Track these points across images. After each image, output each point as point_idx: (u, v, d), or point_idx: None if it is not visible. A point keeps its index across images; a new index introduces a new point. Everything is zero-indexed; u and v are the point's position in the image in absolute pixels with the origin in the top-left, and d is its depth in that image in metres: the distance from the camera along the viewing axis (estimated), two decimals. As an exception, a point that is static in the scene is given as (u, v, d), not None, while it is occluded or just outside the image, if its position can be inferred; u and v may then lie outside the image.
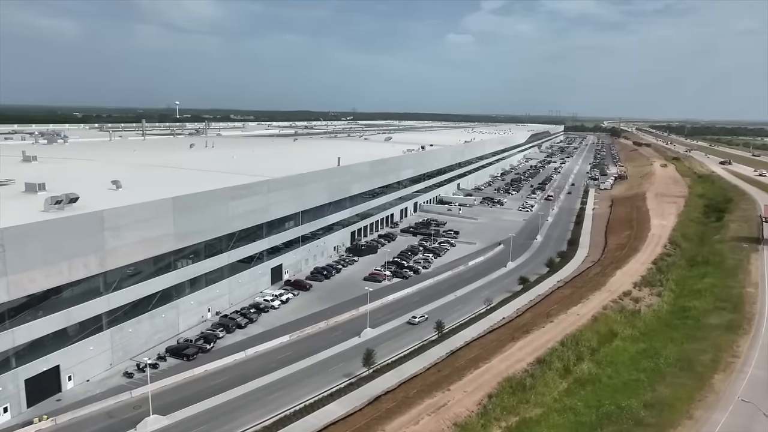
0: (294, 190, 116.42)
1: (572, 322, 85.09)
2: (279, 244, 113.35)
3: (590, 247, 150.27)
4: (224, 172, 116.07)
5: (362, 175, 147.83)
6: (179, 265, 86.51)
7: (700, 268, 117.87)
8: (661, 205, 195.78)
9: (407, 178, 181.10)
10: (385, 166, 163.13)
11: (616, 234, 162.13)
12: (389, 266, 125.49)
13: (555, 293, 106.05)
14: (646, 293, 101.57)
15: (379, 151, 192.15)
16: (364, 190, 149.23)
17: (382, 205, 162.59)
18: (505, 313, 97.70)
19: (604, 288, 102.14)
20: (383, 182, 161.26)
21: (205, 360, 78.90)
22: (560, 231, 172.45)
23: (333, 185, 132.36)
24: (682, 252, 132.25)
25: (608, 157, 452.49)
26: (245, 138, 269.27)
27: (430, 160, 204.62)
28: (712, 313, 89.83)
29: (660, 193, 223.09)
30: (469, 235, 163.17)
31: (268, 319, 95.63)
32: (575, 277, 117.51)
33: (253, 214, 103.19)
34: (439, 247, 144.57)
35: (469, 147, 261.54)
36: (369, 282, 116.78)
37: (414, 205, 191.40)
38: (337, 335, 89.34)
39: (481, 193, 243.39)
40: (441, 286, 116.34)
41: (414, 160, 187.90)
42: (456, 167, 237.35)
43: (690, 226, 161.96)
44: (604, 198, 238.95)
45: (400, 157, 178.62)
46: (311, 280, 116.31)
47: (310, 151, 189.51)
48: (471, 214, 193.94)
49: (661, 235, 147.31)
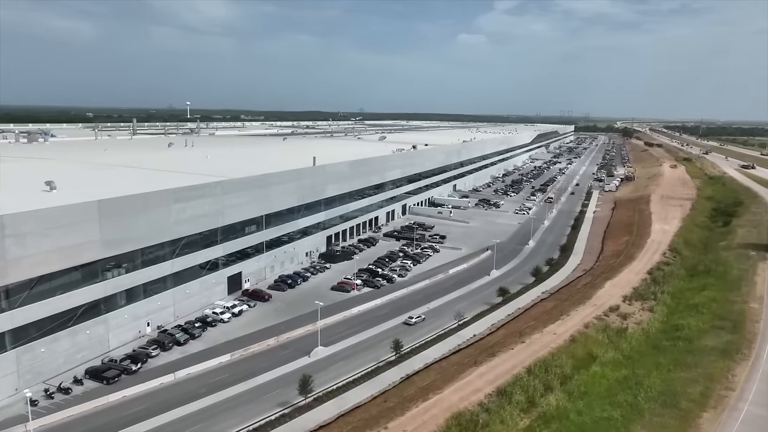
0: (255, 191, 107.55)
1: (546, 343, 75.15)
2: (238, 251, 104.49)
3: (585, 253, 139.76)
4: (186, 173, 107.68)
5: (339, 175, 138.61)
6: (109, 275, 77.91)
7: (701, 279, 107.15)
8: (665, 208, 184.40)
9: (394, 179, 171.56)
10: (366, 166, 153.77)
11: (614, 239, 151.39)
12: (361, 274, 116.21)
13: (536, 307, 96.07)
14: (636, 308, 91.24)
15: (368, 151, 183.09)
16: (342, 192, 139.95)
17: (364, 207, 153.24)
18: (478, 329, 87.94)
19: (589, 302, 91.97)
20: (365, 183, 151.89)
21: (128, 383, 70.14)
22: (555, 236, 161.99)
23: (304, 186, 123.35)
24: (683, 260, 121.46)
25: (617, 158, 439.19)
26: (235, 137, 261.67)
27: (421, 161, 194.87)
28: (708, 333, 79.40)
29: (666, 196, 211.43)
30: (456, 239, 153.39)
31: (214, 335, 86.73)
32: (562, 288, 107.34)
33: (204, 219, 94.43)
34: (420, 253, 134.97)
35: (467, 147, 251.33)
36: (336, 292, 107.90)
37: (402, 208, 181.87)
38: (286, 354, 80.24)
39: (479, 194, 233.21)
40: (415, 296, 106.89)
41: (401, 160, 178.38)
42: (451, 168, 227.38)
43: (694, 232, 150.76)
44: (608, 200, 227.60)
45: (385, 156, 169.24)
46: (274, 289, 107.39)
47: (294, 151, 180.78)
48: (463, 217, 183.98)
49: (661, 241, 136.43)
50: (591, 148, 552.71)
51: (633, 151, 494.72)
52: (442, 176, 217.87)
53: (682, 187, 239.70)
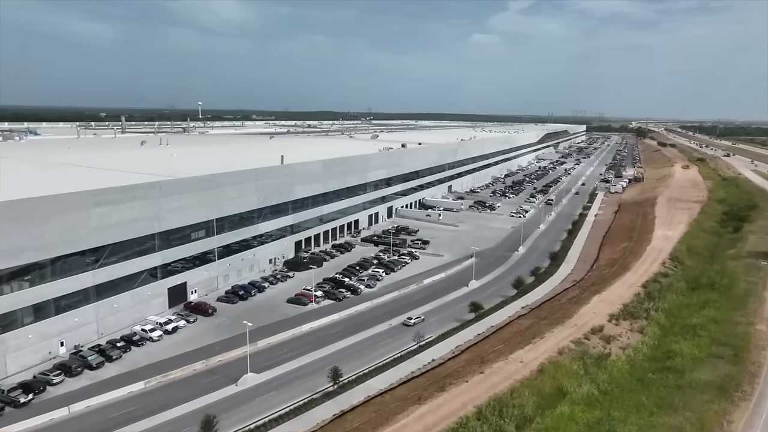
0: (203, 193, 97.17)
1: (509, 373, 63.65)
2: (182, 259, 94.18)
3: (578, 262, 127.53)
4: (134, 172, 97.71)
5: (310, 175, 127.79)
6: (6, 289, 67.82)
7: (702, 294, 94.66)
8: (671, 211, 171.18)
9: (377, 180, 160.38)
10: (344, 165, 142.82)
11: (612, 246, 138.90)
12: (324, 285, 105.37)
13: (510, 326, 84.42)
14: (623, 329, 79.25)
15: (353, 150, 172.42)
16: (314, 193, 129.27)
17: (340, 210, 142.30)
18: (439, 352, 76.60)
19: (569, 321, 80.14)
20: (342, 184, 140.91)
21: (12, 418, 59.88)
22: (549, 241, 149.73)
23: (266, 187, 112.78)
24: (684, 271, 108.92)
25: (628, 158, 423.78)
26: (221, 136, 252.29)
27: (410, 160, 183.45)
28: (703, 363, 67.27)
29: (674, 198, 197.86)
30: (441, 245, 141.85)
31: (137, 357, 76.32)
32: (544, 303, 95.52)
33: (136, 224, 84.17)
34: (397, 260, 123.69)
35: (463, 146, 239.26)
36: (292, 305, 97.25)
37: (388, 210, 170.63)
38: (210, 382, 69.59)
39: (475, 196, 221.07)
40: (379, 310, 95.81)
41: (386, 159, 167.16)
42: (446, 168, 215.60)
43: (700, 238, 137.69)
44: (612, 202, 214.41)
45: (365, 156, 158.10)
46: (223, 301, 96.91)
47: (274, 149, 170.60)
48: (453, 220, 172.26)
49: (662, 248, 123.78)
50: (602, 149, 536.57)
51: (645, 152, 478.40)
52: (436, 176, 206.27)
53: (692, 188, 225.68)
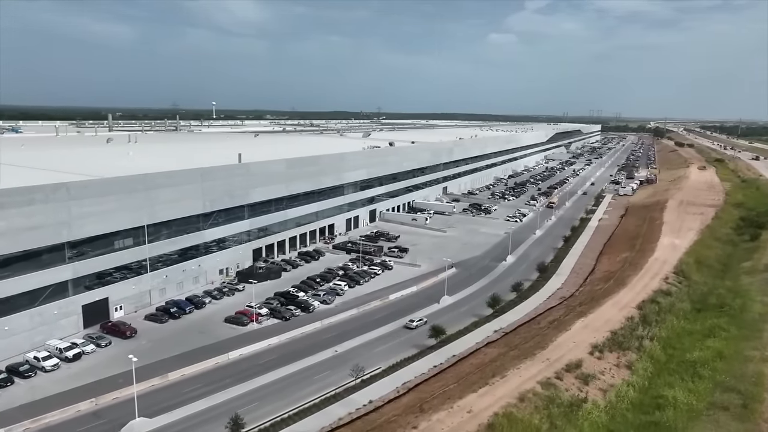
0: (130, 196, 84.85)
1: (449, 430, 49.92)
2: (101, 271, 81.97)
3: (571, 274, 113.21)
4: (68, 173, 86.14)
5: (272, 176, 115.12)
6: None
7: (709, 318, 79.99)
8: (681, 217, 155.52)
9: (356, 181, 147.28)
10: (314, 165, 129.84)
11: (611, 255, 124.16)
12: (271, 301, 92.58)
13: (473, 356, 70.72)
14: (608, 363, 65.11)
15: (336, 148, 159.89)
16: (276, 195, 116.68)
17: (311, 214, 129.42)
18: (380, 391, 63.22)
19: (542, 353, 66.17)
20: (313, 185, 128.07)
21: None
22: (543, 250, 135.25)
23: (215, 189, 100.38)
24: (690, 288, 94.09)
25: (643, 159, 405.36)
26: (202, 134, 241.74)
27: (397, 159, 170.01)
28: (702, 417, 52.97)
29: (686, 202, 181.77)
30: (422, 253, 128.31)
31: (17, 393, 63.99)
32: (521, 326, 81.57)
33: (36, 232, 72.12)
34: (365, 271, 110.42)
35: (461, 145, 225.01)
36: (230, 325, 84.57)
37: (370, 214, 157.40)
38: (92, 429, 56.94)
39: (472, 198, 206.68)
40: (329, 332, 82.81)
41: (366, 158, 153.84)
42: (440, 168, 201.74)
43: (711, 248, 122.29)
44: (619, 206, 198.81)
45: (342, 154, 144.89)
46: (152, 320, 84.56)
47: (247, 148, 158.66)
48: (443, 225, 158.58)
49: (666, 259, 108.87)
50: (616, 149, 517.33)
51: (661, 152, 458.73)
52: (428, 177, 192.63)
53: (707, 191, 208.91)
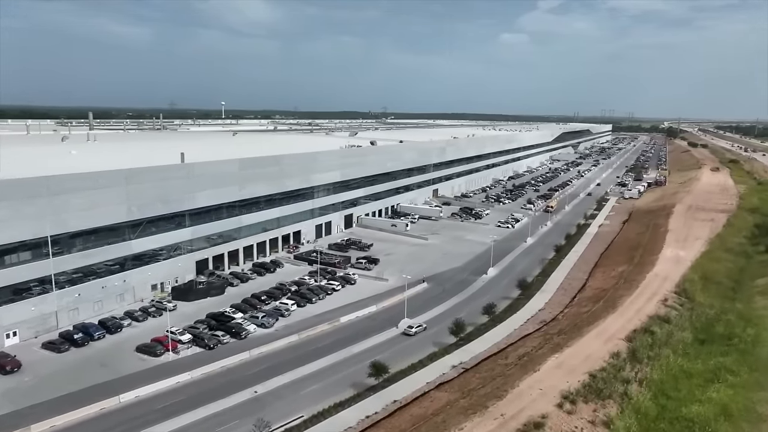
0: (28, 202, 72.32)
1: None
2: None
3: (558, 291, 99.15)
4: None
5: (220, 177, 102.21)
6: None
7: (714, 353, 65.65)
8: (689, 224, 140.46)
9: (329, 183, 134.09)
10: (275, 165, 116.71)
11: (607, 269, 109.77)
12: (198, 325, 79.58)
13: (416, 404, 57.05)
14: (581, 421, 51.06)
15: (314, 147, 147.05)
16: (227, 200, 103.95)
17: (271, 220, 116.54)
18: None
19: (497, 406, 52.30)
20: (274, 188, 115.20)
21: None
22: (532, 260, 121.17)
23: (144, 193, 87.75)
24: (693, 312, 79.52)
25: (653, 160, 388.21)
26: (180, 133, 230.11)
27: (378, 159, 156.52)
28: None
29: (695, 206, 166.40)
30: (394, 264, 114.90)
31: None
32: (485, 360, 67.78)
33: None
34: (321, 287, 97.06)
35: (455, 145, 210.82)
36: (142, 354, 71.70)
37: (345, 219, 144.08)
38: None
39: (465, 201, 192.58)
40: (257, 365, 69.86)
41: (341, 159, 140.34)
42: (430, 169, 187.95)
43: (721, 261, 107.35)
44: (623, 210, 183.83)
45: (311, 154, 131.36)
46: (50, 348, 71.96)
47: (215, 147, 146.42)
48: (426, 232, 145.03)
49: (667, 275, 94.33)
50: (627, 149, 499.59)
51: (673, 152, 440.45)
52: (416, 179, 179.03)
53: (719, 194, 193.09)
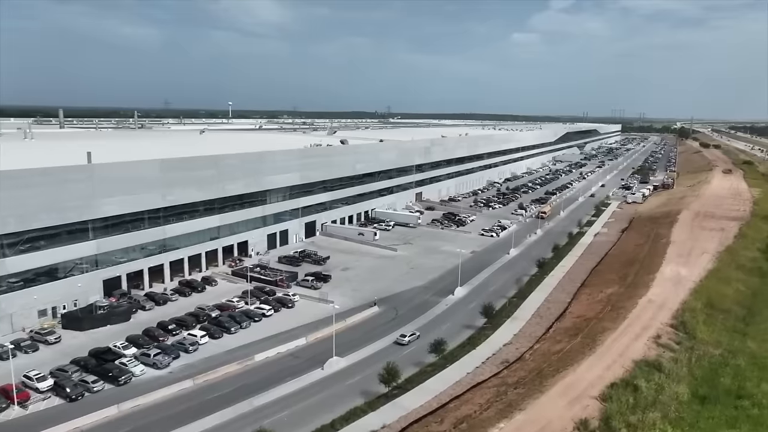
0: None
1: None
2: None
3: (532, 319, 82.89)
4: None
5: (138, 181, 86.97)
6: None
7: (718, 419, 49.18)
8: (695, 234, 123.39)
9: (286, 186, 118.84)
10: (212, 167, 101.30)
11: (595, 289, 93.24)
12: (76, 364, 64.34)
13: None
14: None
15: (270, 147, 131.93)
16: (149, 207, 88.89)
17: (210, 230, 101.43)
18: None
19: None
20: (211, 193, 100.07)
21: None
22: (510, 277, 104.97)
23: (29, 200, 72.76)
24: (692, 353, 62.99)
25: (663, 161, 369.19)
26: (159, 132, 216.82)
27: (347, 160, 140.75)
28: None
29: (703, 213, 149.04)
30: (350, 281, 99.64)
31: None
32: (411, 426, 51.73)
33: None
34: (247, 313, 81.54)
35: (441, 144, 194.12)
36: (-15, 407, 56.54)
37: (307, 227, 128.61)
38: None
39: (450, 206, 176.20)
40: (123, 425, 54.21)
41: (301, 159, 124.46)
42: (413, 170, 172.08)
43: (730, 281, 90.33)
44: (623, 217, 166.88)
45: (260, 153, 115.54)
46: None
47: (167, 147, 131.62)
48: (399, 241, 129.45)
49: (663, 302, 77.71)
50: (635, 150, 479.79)
51: (684, 153, 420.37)
52: (395, 182, 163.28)
53: (731, 199, 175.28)
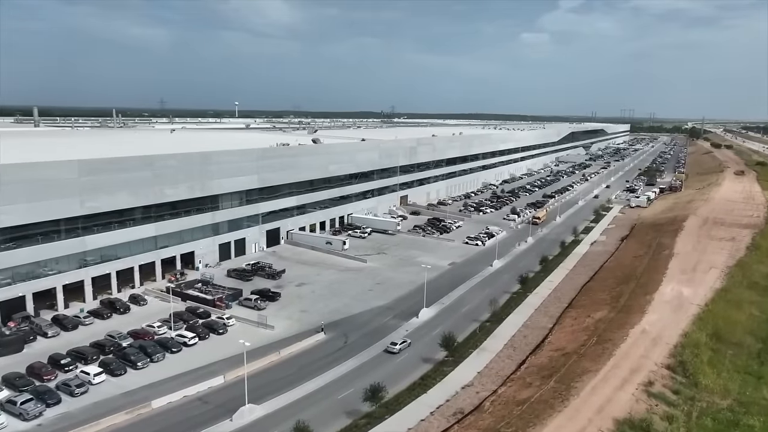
0: None
1: None
2: None
3: (503, 351, 69.60)
4: None
5: (48, 186, 74.61)
6: None
7: None
8: (702, 244, 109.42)
9: (242, 190, 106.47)
10: (145, 168, 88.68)
11: (583, 312, 79.69)
12: None
13: None
14: None
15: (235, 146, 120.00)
16: (64, 215, 76.72)
17: (145, 240, 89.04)
18: None
19: None
20: (143, 198, 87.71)
21: None
22: (489, 295, 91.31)
23: None
24: (694, 404, 49.48)
25: (672, 162, 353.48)
26: (121, 130, 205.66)
27: (317, 161, 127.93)
28: None
29: (712, 220, 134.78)
30: (304, 299, 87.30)
31: None
32: None
33: None
34: (164, 341, 68.87)
35: (429, 144, 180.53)
36: None
37: (269, 235, 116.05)
38: None
39: (436, 211, 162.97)
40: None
41: (258, 161, 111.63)
42: (397, 172, 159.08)
43: (742, 305, 76.34)
44: (625, 223, 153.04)
45: (206, 154, 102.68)
46: None
47: (127, 145, 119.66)
48: (371, 250, 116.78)
49: (660, 333, 64.11)
50: (644, 150, 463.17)
51: (694, 154, 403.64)
52: (377, 184, 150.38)
53: (744, 204, 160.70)
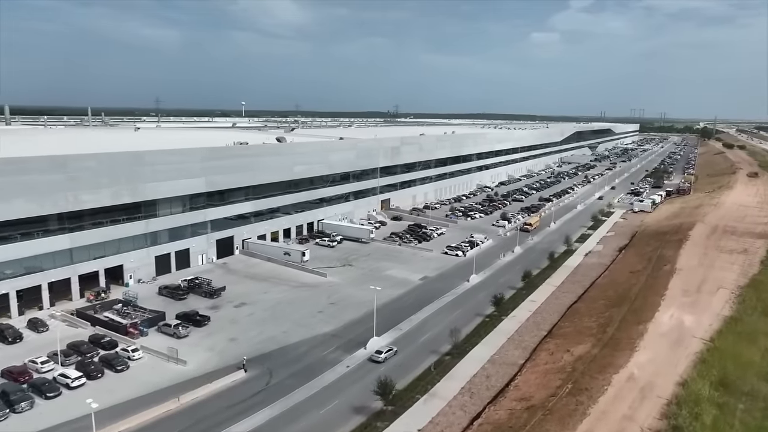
0: None
1: None
2: None
3: (460, 396, 56.45)
4: None
5: None
6: None
7: None
8: (709, 257, 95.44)
9: (186, 195, 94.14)
10: (59, 170, 76.36)
11: (563, 343, 66.28)
12: None
13: None
14: None
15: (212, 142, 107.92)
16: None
17: (57, 254, 76.81)
18: None
19: None
20: (55, 206, 75.41)
21: None
22: (456, 320, 78.16)
23: None
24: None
25: (681, 162, 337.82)
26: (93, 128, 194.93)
27: (280, 162, 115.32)
28: None
29: (722, 228, 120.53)
30: (239, 323, 74.88)
31: None
32: None
33: None
34: (41, 383, 56.34)
35: (414, 144, 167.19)
36: None
37: (220, 244, 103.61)
38: None
39: (421, 216, 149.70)
40: None
41: (206, 162, 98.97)
42: (377, 174, 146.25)
43: (757, 338, 62.30)
44: (625, 230, 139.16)
45: (137, 154, 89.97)
46: None
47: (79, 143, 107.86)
48: (336, 262, 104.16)
49: (651, 381, 50.60)
50: (653, 150, 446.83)
51: (705, 154, 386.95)
52: (353, 186, 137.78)
53: (758, 209, 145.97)
